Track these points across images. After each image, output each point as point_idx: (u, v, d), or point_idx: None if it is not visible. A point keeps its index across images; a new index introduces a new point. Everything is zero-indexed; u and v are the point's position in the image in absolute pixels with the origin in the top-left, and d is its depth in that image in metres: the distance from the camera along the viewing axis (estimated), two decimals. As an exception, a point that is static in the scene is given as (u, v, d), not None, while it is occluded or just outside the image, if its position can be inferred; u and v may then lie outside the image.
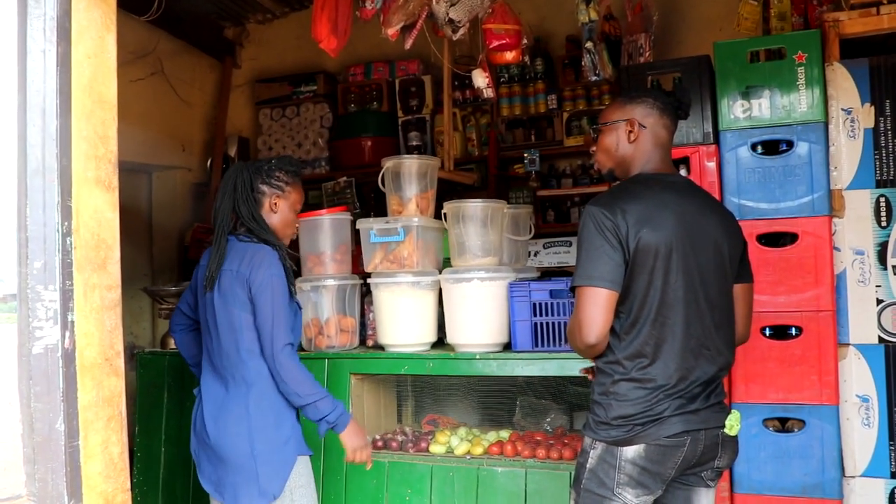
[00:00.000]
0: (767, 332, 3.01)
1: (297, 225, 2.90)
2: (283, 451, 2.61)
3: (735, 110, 3.09)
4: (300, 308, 2.78)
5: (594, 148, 2.38)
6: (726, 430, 2.18)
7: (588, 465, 2.15)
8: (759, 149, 3.07)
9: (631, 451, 2.09)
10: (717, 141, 3.14)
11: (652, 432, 2.08)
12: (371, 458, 2.72)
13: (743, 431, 2.86)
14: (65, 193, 1.95)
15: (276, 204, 2.76)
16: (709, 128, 3.14)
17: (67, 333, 1.94)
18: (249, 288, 2.60)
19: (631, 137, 2.26)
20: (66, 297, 1.94)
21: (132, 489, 2.14)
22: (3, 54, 1.88)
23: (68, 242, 1.95)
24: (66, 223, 1.95)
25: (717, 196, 3.07)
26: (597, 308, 2.06)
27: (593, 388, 2.21)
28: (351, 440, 2.66)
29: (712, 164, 3.11)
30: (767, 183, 3.03)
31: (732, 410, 2.21)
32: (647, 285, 2.09)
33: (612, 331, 2.12)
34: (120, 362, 2.09)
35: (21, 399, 1.86)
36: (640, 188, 2.18)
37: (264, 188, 2.74)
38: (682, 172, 3.14)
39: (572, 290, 2.15)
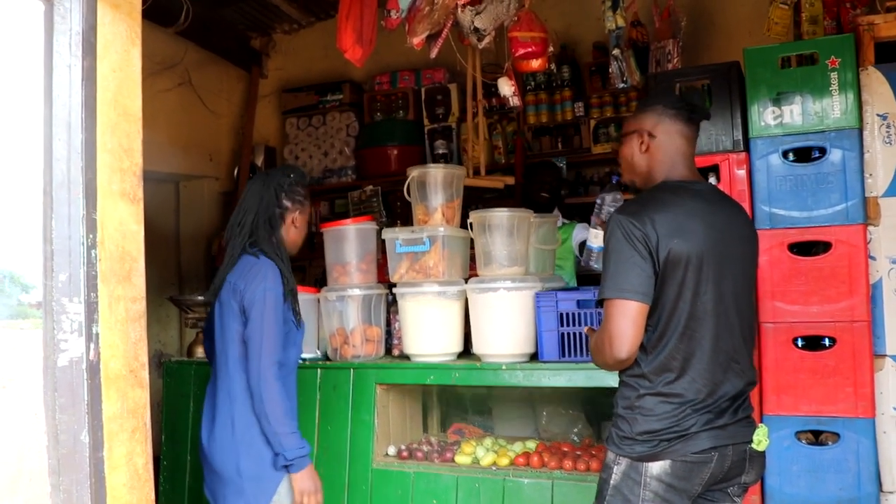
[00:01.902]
0: (800, 343, 2.95)
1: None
2: (268, 468, 2.59)
3: (766, 117, 3.04)
4: (301, 325, 2.77)
5: (619, 158, 2.37)
6: (754, 446, 2.13)
7: (612, 482, 2.10)
8: (791, 156, 3.01)
9: (657, 468, 2.04)
10: (747, 148, 3.09)
11: (678, 448, 2.03)
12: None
13: (775, 444, 2.81)
14: (90, 206, 1.96)
15: (295, 219, 2.79)
16: (739, 135, 3.09)
17: (92, 345, 1.95)
18: (242, 300, 2.60)
19: (642, 148, 2.24)
20: (91, 309, 1.94)
21: (158, 497, 2.15)
22: (31, 69, 1.90)
23: (93, 255, 1.96)
24: (90, 236, 1.96)
25: (747, 204, 3.02)
26: (627, 321, 2.01)
27: (617, 401, 2.17)
28: (302, 483, 2.58)
29: (742, 172, 3.06)
30: (800, 191, 2.97)
31: (760, 425, 2.16)
32: (676, 297, 2.05)
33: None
34: (144, 374, 2.09)
35: (46, 411, 1.87)
36: (668, 196, 2.14)
37: (288, 204, 2.77)
38: (712, 180, 3.10)
39: (599, 302, 2.10)
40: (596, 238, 2.61)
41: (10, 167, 1.81)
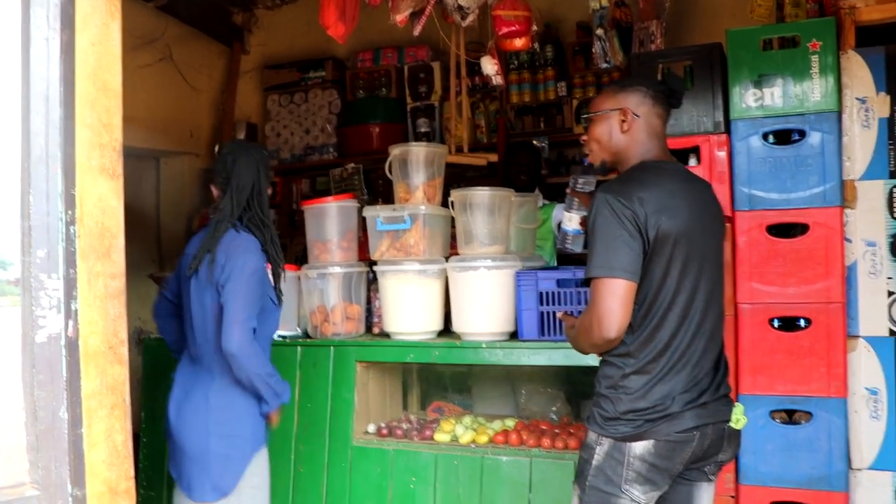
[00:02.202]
0: (776, 324, 2.99)
1: None
2: (239, 447, 2.60)
3: (747, 99, 3.05)
4: (280, 301, 2.77)
5: (585, 138, 2.33)
6: (732, 424, 2.16)
7: (594, 462, 2.10)
8: (771, 138, 3.03)
9: (640, 448, 2.05)
10: (728, 130, 3.10)
11: (662, 428, 2.04)
12: None
13: (750, 423, 2.83)
14: (68, 182, 1.94)
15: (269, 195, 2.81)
16: (720, 117, 3.11)
17: (71, 322, 1.93)
18: (223, 273, 2.58)
19: (624, 127, 2.20)
20: (70, 285, 1.93)
21: (138, 475, 2.15)
22: (7, 42, 1.87)
23: (72, 231, 1.94)
24: (69, 212, 1.94)
25: (727, 186, 3.05)
26: (616, 299, 2.00)
27: (599, 381, 2.16)
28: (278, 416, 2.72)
29: (723, 154, 3.08)
30: (779, 173, 2.99)
31: (737, 403, 2.19)
32: (663, 275, 2.05)
33: None
34: (124, 350, 2.08)
35: (24, 387, 1.86)
36: (650, 175, 2.14)
37: (266, 182, 2.78)
38: (692, 162, 3.12)
39: (586, 281, 2.09)
40: (570, 221, 2.61)
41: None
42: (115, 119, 2.09)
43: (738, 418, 2.16)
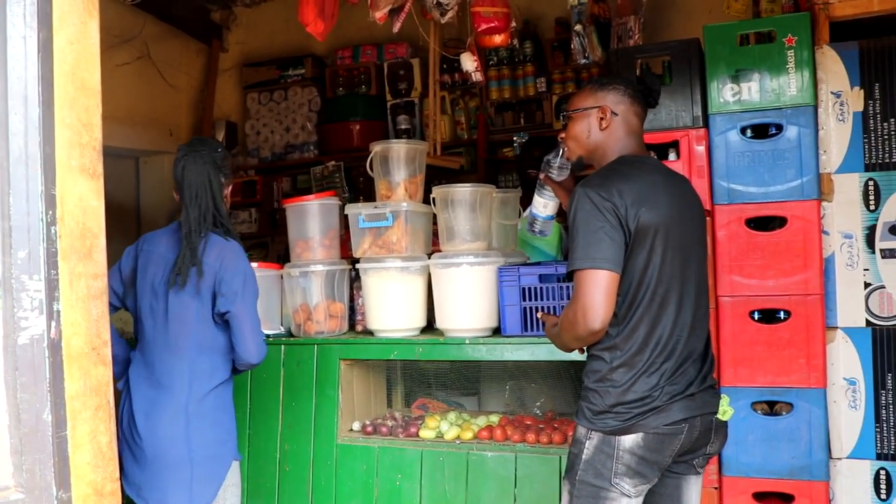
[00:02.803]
0: (756, 316, 3.02)
1: None
2: (219, 452, 2.56)
3: (724, 94, 3.08)
4: None
5: (563, 135, 2.35)
6: (719, 416, 2.18)
7: (584, 456, 2.11)
8: (749, 132, 3.06)
9: (629, 441, 2.06)
10: (706, 124, 3.13)
11: (651, 420, 2.05)
12: None
13: (732, 415, 2.89)
14: (48, 182, 1.92)
15: (227, 194, 2.78)
16: (698, 111, 3.13)
17: (53, 323, 1.92)
18: (218, 283, 2.54)
19: (603, 125, 2.23)
20: (52, 286, 1.92)
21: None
22: (-17, 41, 1.86)
23: (53, 231, 1.92)
24: (50, 212, 1.92)
25: (706, 180, 3.08)
26: (600, 290, 2.01)
27: (587, 375, 2.17)
28: None
29: (701, 148, 3.10)
30: (757, 167, 3.02)
31: (722, 395, 2.21)
32: (645, 265, 2.07)
33: None
34: (107, 351, 2.07)
35: (7, 390, 1.84)
36: (628, 169, 2.16)
37: (223, 180, 2.72)
38: (672, 156, 3.14)
39: (569, 275, 2.11)
40: (544, 207, 2.63)
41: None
42: (95, 118, 2.08)
43: (725, 409, 2.18)
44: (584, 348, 2.22)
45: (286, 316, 3.60)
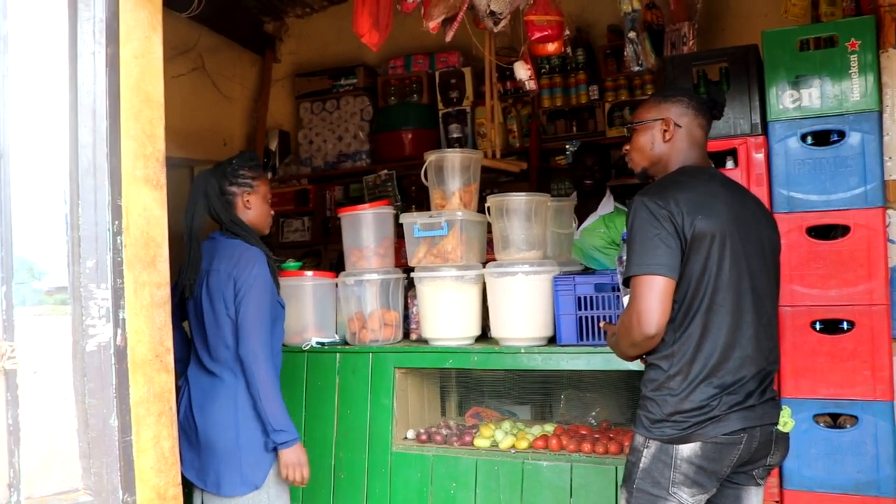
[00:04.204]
0: (818, 327, 2.95)
1: (272, 214, 3.00)
2: (266, 441, 2.69)
3: (784, 100, 3.02)
4: (283, 306, 2.89)
5: (627, 147, 2.38)
6: (780, 427, 2.15)
7: (641, 465, 2.11)
8: (810, 139, 3.00)
9: (687, 450, 2.06)
10: (765, 132, 3.07)
11: (709, 430, 2.05)
12: (307, 479, 2.72)
13: (794, 427, 2.83)
14: (115, 193, 1.97)
15: (248, 201, 2.87)
16: (756, 118, 3.08)
17: (119, 331, 1.97)
18: (236, 286, 2.70)
19: (666, 137, 2.25)
20: (118, 295, 1.97)
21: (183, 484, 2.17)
22: (56, 57, 1.91)
23: (119, 241, 1.98)
24: (116, 222, 1.97)
25: (765, 188, 3.02)
26: (656, 296, 2.02)
27: (645, 384, 2.17)
28: (288, 457, 2.68)
29: (760, 156, 3.05)
30: (818, 174, 2.96)
31: (784, 406, 2.18)
32: (701, 272, 2.07)
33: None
34: (170, 358, 2.11)
35: (76, 395, 1.89)
36: (686, 178, 2.17)
37: (234, 189, 2.86)
38: (729, 164, 3.10)
39: (625, 282, 2.12)
40: None
41: (23, 155, 1.82)
42: (158, 130, 2.13)
43: (786, 421, 2.16)
44: (644, 356, 2.20)
45: (341, 324, 3.63)
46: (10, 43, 1.81)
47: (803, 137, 3.00)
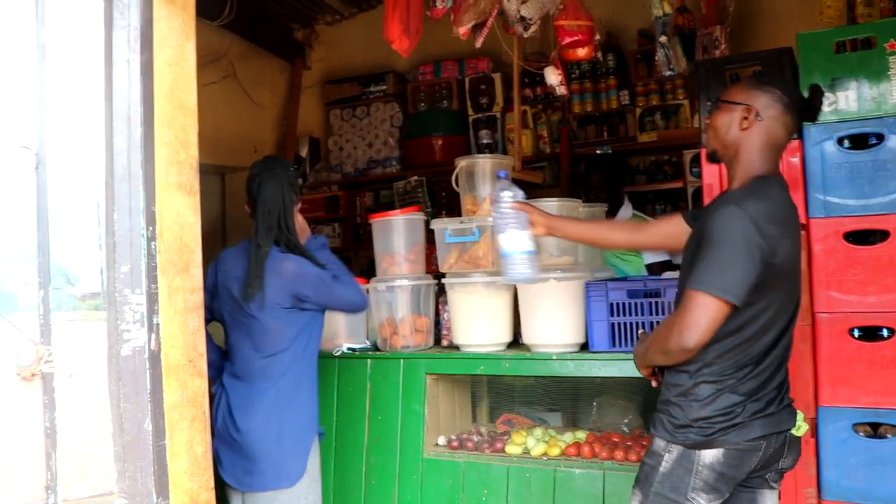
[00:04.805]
0: (856, 334, 2.89)
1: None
2: (306, 428, 2.81)
3: (820, 103, 2.97)
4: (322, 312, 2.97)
5: (708, 121, 2.27)
6: (794, 431, 2.14)
7: (661, 469, 2.09)
8: (847, 143, 2.95)
9: (709, 456, 2.04)
10: (800, 136, 3.02)
11: (732, 436, 2.04)
12: None
13: (832, 436, 2.79)
14: (149, 199, 1.99)
15: (297, 211, 2.95)
16: (792, 122, 3.03)
17: (153, 336, 1.99)
18: (297, 296, 2.79)
19: (744, 125, 2.13)
20: (152, 300, 1.98)
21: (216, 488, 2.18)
22: (91, 65, 1.93)
23: (153, 247, 1.99)
24: (150, 228, 1.99)
25: (801, 193, 2.97)
26: (712, 319, 1.96)
27: (669, 388, 2.15)
28: None
29: (796, 160, 3.00)
30: (856, 178, 2.90)
31: (798, 411, 2.18)
32: (769, 301, 2.04)
33: None
34: (203, 363, 2.13)
35: (111, 399, 1.91)
36: (780, 197, 2.10)
37: (294, 197, 2.92)
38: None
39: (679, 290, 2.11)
40: (517, 241, 2.47)
41: (58, 162, 1.84)
42: (192, 136, 2.14)
43: (800, 425, 2.15)
44: (661, 371, 2.21)
45: (372, 329, 3.63)
46: (47, 52, 1.83)
47: (840, 141, 2.95)
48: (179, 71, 2.13)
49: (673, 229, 2.43)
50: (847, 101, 2.94)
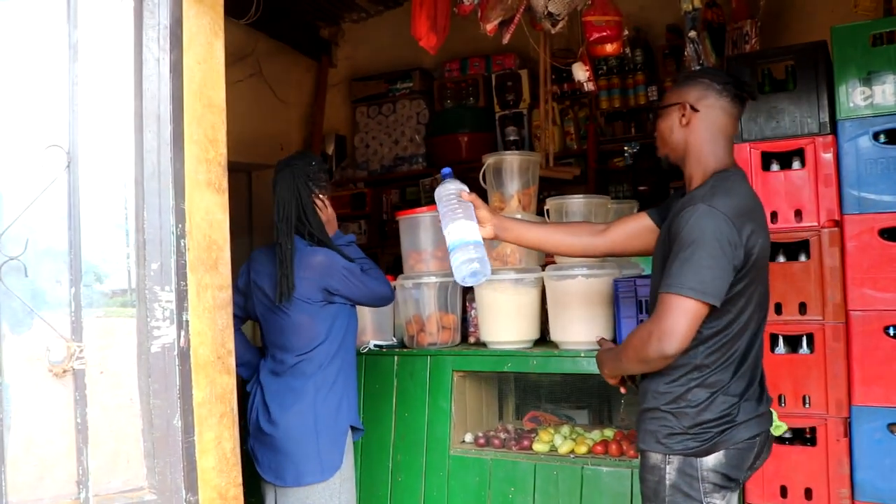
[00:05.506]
0: (891, 332, 2.84)
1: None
2: (338, 419, 2.82)
3: (855, 98, 2.92)
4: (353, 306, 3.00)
5: (655, 132, 2.28)
6: (773, 431, 2.16)
7: (667, 482, 2.05)
8: (882, 138, 2.89)
9: (712, 460, 2.03)
10: (833, 131, 2.98)
11: (729, 437, 2.02)
12: None
13: (866, 437, 2.75)
14: (178, 196, 2.00)
15: (325, 203, 2.95)
16: (825, 117, 2.98)
17: (182, 332, 2.00)
18: (327, 290, 2.81)
19: (682, 122, 2.12)
20: (181, 297, 1.99)
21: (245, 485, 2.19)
22: (122, 63, 1.94)
23: (182, 244, 2.00)
24: (179, 225, 2.00)
25: (834, 189, 2.92)
26: (690, 322, 1.92)
27: (654, 397, 2.09)
28: None
29: (829, 156, 2.95)
30: (891, 174, 2.85)
31: (772, 410, 2.19)
32: (750, 296, 2.03)
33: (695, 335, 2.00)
34: (231, 360, 2.13)
35: (140, 396, 1.92)
36: (744, 189, 2.08)
37: (318, 191, 2.92)
38: (796, 165, 3.01)
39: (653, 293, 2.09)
40: (467, 231, 2.36)
41: (88, 160, 1.86)
42: (220, 134, 2.15)
43: (778, 425, 2.20)
44: (635, 379, 2.21)
45: (398, 326, 3.63)
46: (78, 51, 1.85)
47: (875, 136, 2.90)
48: (208, 69, 2.14)
49: (638, 228, 2.44)
50: (884, 94, 2.89)
